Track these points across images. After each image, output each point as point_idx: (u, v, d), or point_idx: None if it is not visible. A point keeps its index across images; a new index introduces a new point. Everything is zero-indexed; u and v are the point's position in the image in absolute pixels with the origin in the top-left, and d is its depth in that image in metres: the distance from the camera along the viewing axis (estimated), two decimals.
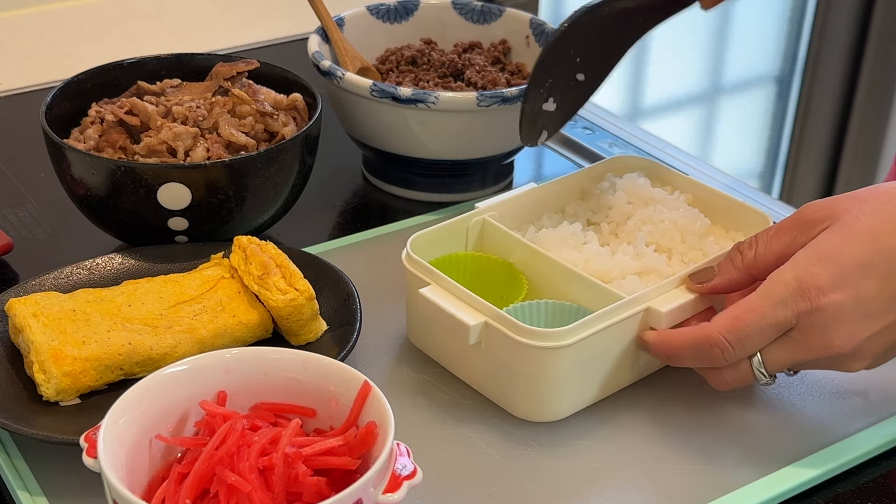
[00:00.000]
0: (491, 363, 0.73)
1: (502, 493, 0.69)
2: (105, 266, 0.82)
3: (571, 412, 0.74)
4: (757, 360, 0.70)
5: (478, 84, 0.99)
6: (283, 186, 0.86)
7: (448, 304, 0.73)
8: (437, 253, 0.80)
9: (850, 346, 0.68)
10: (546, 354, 0.70)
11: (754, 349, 0.69)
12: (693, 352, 0.71)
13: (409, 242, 0.78)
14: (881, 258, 0.67)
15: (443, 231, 0.81)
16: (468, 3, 1.08)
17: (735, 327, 0.69)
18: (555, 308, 0.76)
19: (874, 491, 0.71)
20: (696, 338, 0.70)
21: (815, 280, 0.67)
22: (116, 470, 0.57)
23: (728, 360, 0.70)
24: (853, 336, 0.67)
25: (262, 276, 0.76)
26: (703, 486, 0.70)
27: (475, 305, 0.72)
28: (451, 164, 0.97)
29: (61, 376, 0.70)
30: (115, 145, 0.86)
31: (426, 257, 0.78)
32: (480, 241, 0.83)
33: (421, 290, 0.74)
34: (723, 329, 0.69)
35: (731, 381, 0.71)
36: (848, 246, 0.68)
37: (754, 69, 2.60)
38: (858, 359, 0.69)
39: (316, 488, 0.58)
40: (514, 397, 0.74)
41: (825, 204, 0.71)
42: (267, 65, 0.94)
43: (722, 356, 0.69)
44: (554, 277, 0.78)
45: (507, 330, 0.71)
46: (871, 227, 0.68)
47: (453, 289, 0.74)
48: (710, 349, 0.70)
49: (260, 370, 0.64)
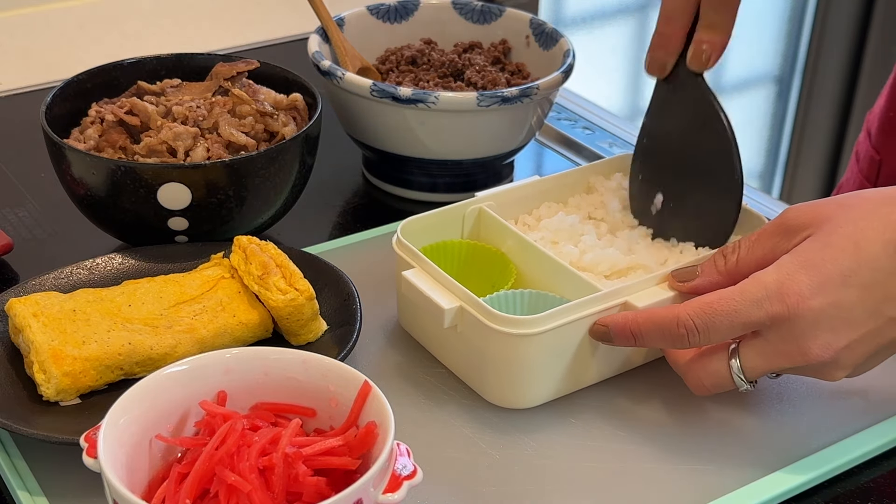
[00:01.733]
0: (466, 348, 0.75)
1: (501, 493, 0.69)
2: (105, 266, 0.82)
3: (544, 401, 0.75)
4: (736, 366, 0.70)
5: (478, 84, 0.99)
6: (283, 186, 0.86)
7: (427, 287, 0.74)
8: (432, 240, 0.82)
9: (828, 354, 0.67)
10: (517, 341, 0.71)
11: (719, 339, 0.69)
12: (658, 329, 0.70)
13: (400, 227, 0.79)
14: (862, 267, 0.67)
15: (437, 217, 0.82)
16: (468, 3, 1.08)
17: (706, 312, 0.69)
18: (535, 297, 0.77)
19: (874, 491, 0.71)
20: (664, 316, 0.70)
21: (796, 286, 0.67)
22: (116, 470, 0.57)
23: (692, 344, 0.70)
24: (831, 344, 0.67)
25: (262, 276, 0.76)
26: (702, 486, 0.70)
27: (453, 290, 0.74)
28: (451, 164, 0.97)
29: (61, 376, 0.70)
30: (115, 145, 0.86)
31: (421, 244, 0.80)
32: (477, 230, 0.84)
33: (403, 273, 0.76)
34: (693, 312, 0.69)
35: (711, 387, 0.71)
36: (829, 254, 0.67)
37: (754, 69, 2.60)
38: (837, 367, 0.69)
39: (316, 488, 0.58)
40: (486, 382, 0.75)
41: (808, 209, 0.70)
42: (267, 65, 0.94)
43: (686, 338, 0.69)
44: (541, 267, 0.79)
45: (481, 315, 0.72)
46: (854, 236, 0.68)
47: (435, 273, 0.75)
48: (676, 329, 0.69)
49: (260, 370, 0.64)
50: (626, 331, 0.72)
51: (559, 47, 1.01)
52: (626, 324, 0.72)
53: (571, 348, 0.74)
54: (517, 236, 0.81)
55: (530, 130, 0.98)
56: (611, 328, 0.73)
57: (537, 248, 0.79)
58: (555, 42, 1.02)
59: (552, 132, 1.13)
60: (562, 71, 0.95)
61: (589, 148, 1.10)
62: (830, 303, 0.67)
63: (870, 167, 1.08)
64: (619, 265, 0.80)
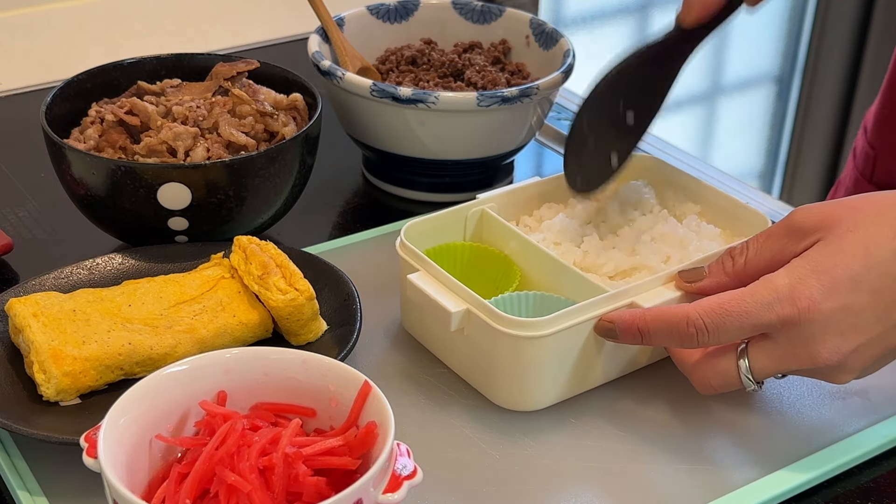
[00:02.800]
0: (473, 350, 0.75)
1: (501, 493, 0.69)
2: (105, 266, 0.82)
3: (551, 403, 0.75)
4: (745, 367, 0.70)
5: (478, 84, 0.99)
6: (283, 186, 0.86)
7: (433, 291, 0.74)
8: (434, 242, 0.81)
9: (837, 358, 0.68)
10: (524, 343, 0.71)
11: (728, 340, 0.70)
12: (667, 328, 0.70)
13: (404, 230, 0.79)
14: (872, 272, 0.67)
15: (439, 220, 0.82)
16: (468, 3, 1.08)
17: (717, 313, 0.69)
18: (541, 299, 0.77)
19: (874, 491, 0.71)
20: (673, 314, 0.70)
21: (807, 290, 0.67)
22: (116, 470, 0.57)
23: (700, 344, 0.70)
24: (839, 348, 0.67)
25: (262, 275, 0.76)
26: (702, 486, 0.70)
27: (459, 293, 0.74)
28: (451, 164, 0.97)
29: (61, 376, 0.70)
30: (115, 145, 0.86)
31: (423, 246, 0.80)
32: (479, 232, 0.84)
33: (409, 276, 0.76)
34: (703, 312, 0.69)
35: (718, 386, 0.72)
36: (840, 259, 0.68)
37: (754, 69, 2.59)
38: (845, 371, 0.69)
39: (316, 488, 0.58)
40: (494, 385, 0.75)
41: (817, 211, 0.71)
42: (267, 65, 0.94)
43: (696, 337, 0.69)
44: (545, 269, 0.79)
45: (487, 318, 0.72)
46: (863, 240, 0.68)
47: (440, 276, 0.75)
48: (686, 328, 0.69)
49: (260, 370, 0.64)
50: (633, 328, 0.72)
51: (559, 47, 1.01)
52: (634, 321, 0.72)
53: (579, 350, 0.73)
54: (520, 238, 0.81)
55: (530, 130, 0.98)
56: (617, 325, 0.72)
57: (541, 249, 0.79)
58: (555, 42, 1.02)
59: (552, 132, 1.13)
60: (562, 71, 0.96)
61: None
62: (840, 307, 0.67)
63: (865, 163, 1.08)
64: (624, 266, 0.79)
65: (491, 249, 0.82)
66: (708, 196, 0.86)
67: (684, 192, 0.88)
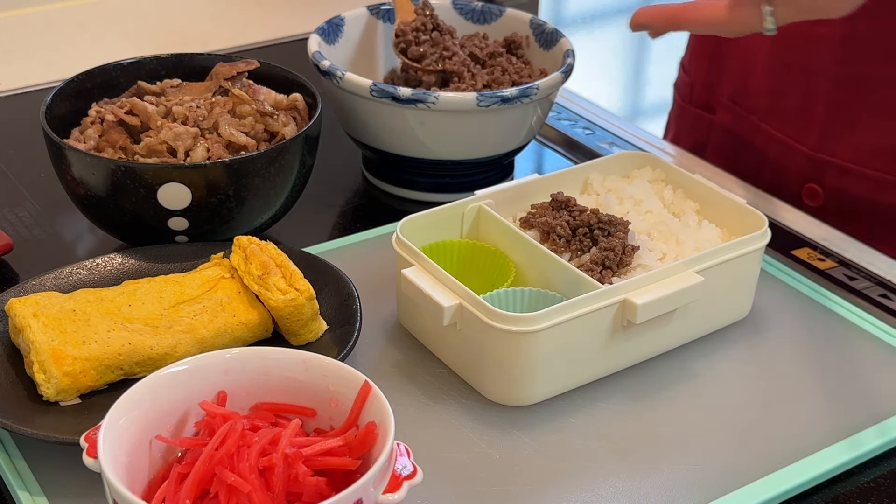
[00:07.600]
0: (465, 345, 0.75)
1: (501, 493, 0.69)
2: (105, 266, 0.82)
3: (543, 398, 0.75)
4: (768, 10, 0.79)
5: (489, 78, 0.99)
6: (283, 186, 0.86)
7: (426, 285, 0.75)
8: (431, 238, 0.82)
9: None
10: (516, 338, 0.71)
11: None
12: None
13: (400, 225, 0.79)
14: None
15: (436, 216, 0.82)
16: (468, 3, 1.08)
17: None
18: (535, 295, 0.78)
19: (874, 491, 0.71)
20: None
21: None
22: (116, 470, 0.57)
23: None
24: None
25: (262, 276, 0.76)
26: (702, 486, 0.70)
27: (452, 288, 0.74)
28: (451, 164, 0.97)
29: (61, 376, 0.70)
30: (115, 145, 0.86)
31: (420, 242, 0.80)
32: (476, 228, 0.84)
33: (403, 271, 0.77)
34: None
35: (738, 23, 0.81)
36: None
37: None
38: None
39: (316, 488, 0.58)
40: (486, 380, 0.75)
41: None
42: (267, 65, 0.94)
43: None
44: (539, 265, 0.79)
45: (480, 313, 0.72)
46: None
47: (434, 271, 0.76)
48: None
49: (260, 370, 0.64)
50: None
51: (559, 47, 1.01)
52: None
53: (570, 345, 0.74)
54: (516, 234, 0.81)
55: (530, 130, 0.98)
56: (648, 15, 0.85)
57: (536, 245, 0.79)
58: (555, 42, 1.02)
59: (552, 132, 1.13)
60: (562, 71, 0.96)
61: (589, 148, 1.10)
62: None
63: (684, 89, 1.20)
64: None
65: (487, 246, 0.82)
66: (707, 196, 0.86)
67: (683, 192, 0.88)
